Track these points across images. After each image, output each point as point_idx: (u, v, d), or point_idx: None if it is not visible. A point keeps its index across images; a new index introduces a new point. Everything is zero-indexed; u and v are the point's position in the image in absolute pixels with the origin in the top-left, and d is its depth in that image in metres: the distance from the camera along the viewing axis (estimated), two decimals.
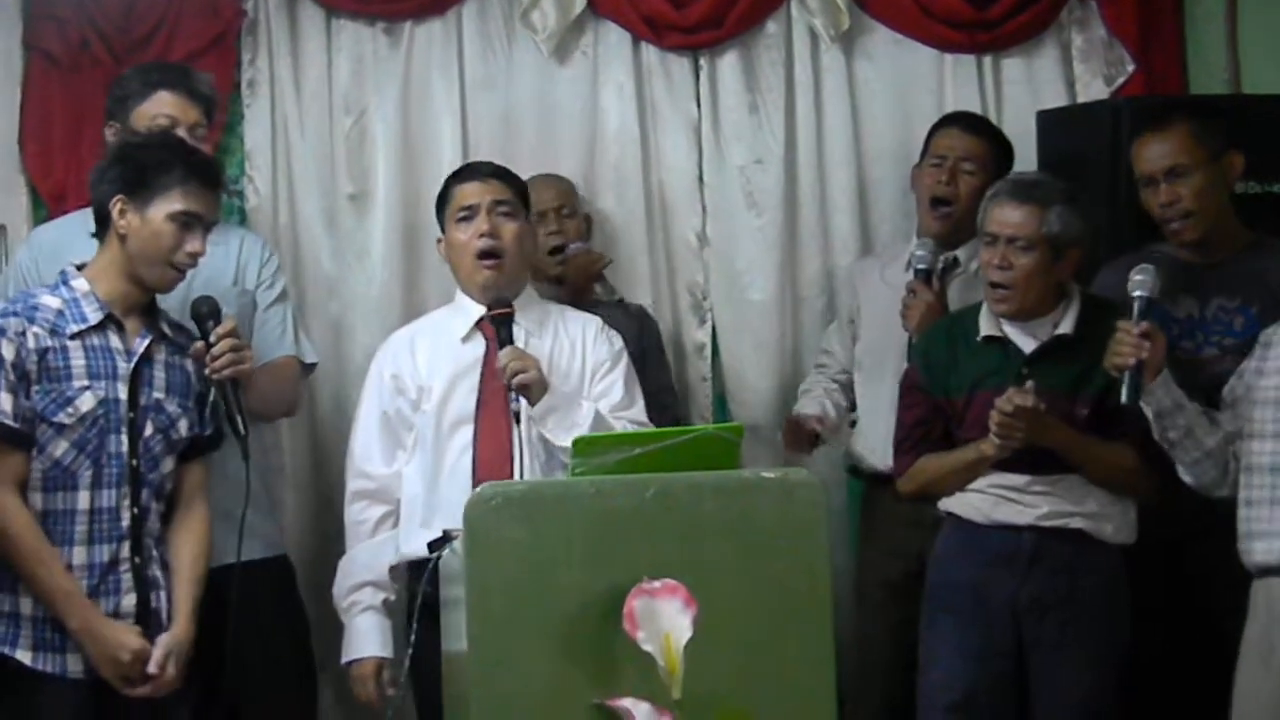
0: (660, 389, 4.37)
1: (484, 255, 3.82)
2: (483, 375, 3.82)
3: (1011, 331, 3.85)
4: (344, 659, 3.86)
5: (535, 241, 4.07)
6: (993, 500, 3.80)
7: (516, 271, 3.89)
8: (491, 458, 3.73)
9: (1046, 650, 3.76)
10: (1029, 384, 3.69)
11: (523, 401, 3.67)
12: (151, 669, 3.41)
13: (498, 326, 3.76)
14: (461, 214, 3.86)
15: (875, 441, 4.30)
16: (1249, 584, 3.60)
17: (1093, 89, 4.93)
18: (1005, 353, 3.83)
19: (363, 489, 3.87)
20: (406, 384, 3.85)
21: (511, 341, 3.74)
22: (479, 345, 3.85)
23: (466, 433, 3.78)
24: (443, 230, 3.95)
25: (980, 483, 3.81)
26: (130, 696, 3.41)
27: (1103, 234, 4.40)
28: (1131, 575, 3.84)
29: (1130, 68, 4.94)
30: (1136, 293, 3.67)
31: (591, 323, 3.97)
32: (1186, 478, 3.71)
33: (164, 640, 3.44)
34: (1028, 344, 3.83)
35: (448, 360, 3.84)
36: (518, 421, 3.66)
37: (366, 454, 3.87)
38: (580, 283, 4.35)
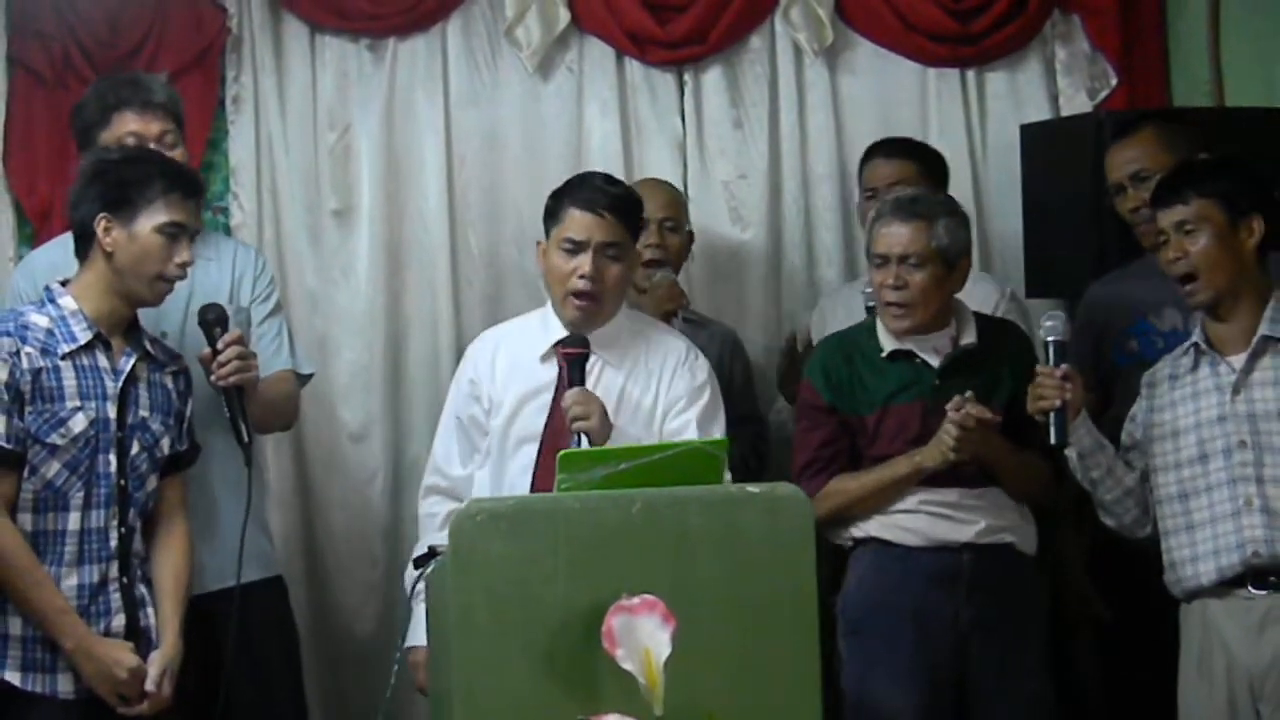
0: (740, 419, 4.24)
1: (579, 294, 3.68)
2: (554, 398, 3.70)
3: (914, 346, 3.80)
4: (404, 645, 3.77)
5: (637, 267, 3.92)
6: (927, 519, 3.75)
7: (610, 309, 3.75)
8: (548, 483, 3.66)
9: (991, 670, 3.72)
10: (968, 394, 3.67)
11: (584, 441, 3.54)
12: (149, 687, 3.39)
13: (570, 364, 3.65)
14: (567, 245, 3.68)
15: None
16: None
17: (1076, 102, 4.95)
18: (913, 366, 3.79)
19: (436, 485, 3.82)
20: (482, 391, 3.77)
21: (582, 383, 3.61)
22: (554, 368, 3.73)
23: (530, 452, 3.70)
24: (546, 235, 3.77)
25: (909, 501, 3.75)
26: (125, 716, 3.38)
27: (1087, 247, 4.43)
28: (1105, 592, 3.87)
29: (1113, 81, 4.96)
30: (1049, 338, 3.66)
31: (674, 353, 3.77)
32: (1109, 520, 3.73)
33: (157, 658, 3.43)
34: (932, 357, 3.80)
35: (522, 377, 3.74)
36: None
37: (446, 455, 3.81)
38: (650, 315, 4.15)
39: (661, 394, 3.71)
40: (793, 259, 4.84)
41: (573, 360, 3.64)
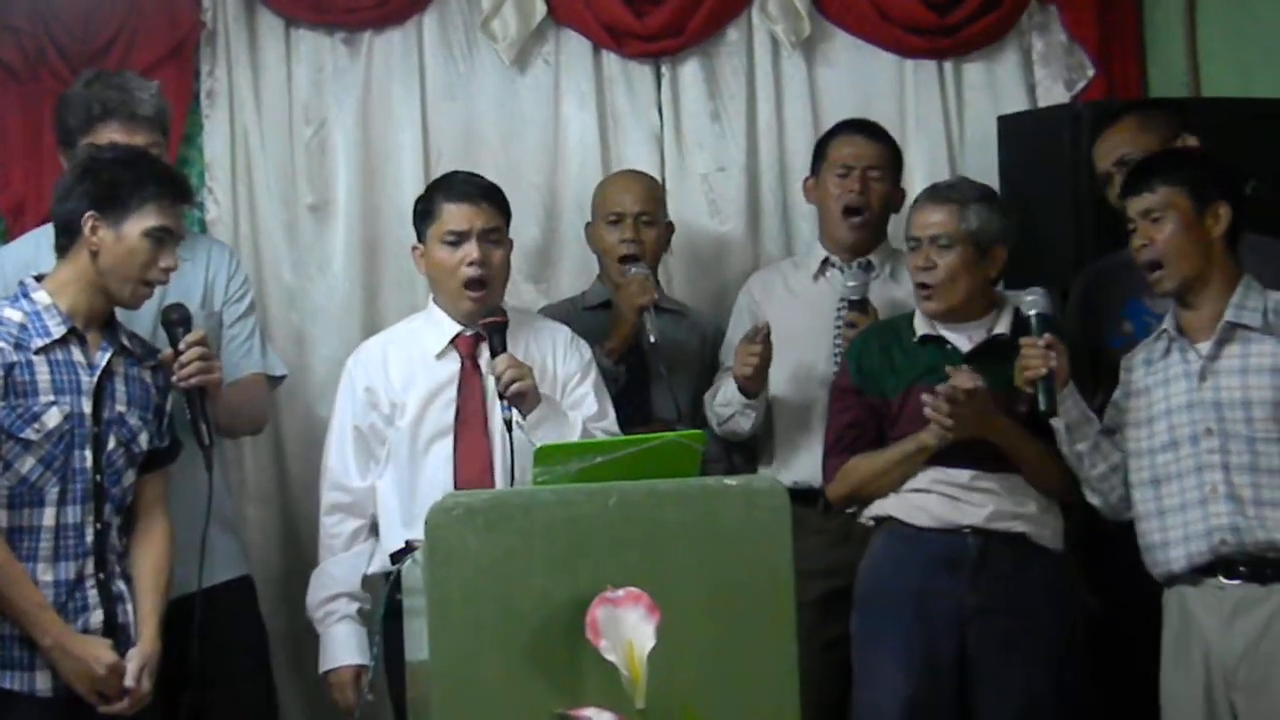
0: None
1: (472, 282, 3.80)
2: (459, 392, 3.81)
3: (947, 333, 3.87)
4: (322, 668, 3.86)
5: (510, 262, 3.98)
6: (936, 499, 3.79)
7: (499, 292, 3.88)
8: (472, 476, 3.74)
9: (992, 658, 3.75)
10: (964, 366, 3.71)
11: (514, 411, 3.66)
12: (129, 683, 3.37)
13: (490, 334, 3.75)
14: (449, 237, 3.81)
15: (798, 457, 4.21)
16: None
17: (1053, 93, 4.95)
18: (942, 351, 3.84)
19: (338, 502, 3.87)
20: (380, 398, 3.85)
21: (505, 349, 3.72)
22: (453, 362, 3.84)
23: (444, 446, 3.78)
24: (420, 238, 3.91)
25: (922, 480, 3.80)
26: (103, 714, 3.36)
27: (1065, 238, 4.43)
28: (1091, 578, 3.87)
29: (1091, 72, 4.96)
30: (1031, 311, 3.71)
31: (561, 333, 3.97)
32: (1095, 499, 3.75)
33: (135, 654, 3.41)
34: (964, 344, 3.85)
35: (422, 376, 3.83)
36: (509, 430, 3.65)
37: (342, 467, 3.87)
38: (623, 310, 4.21)
39: (559, 368, 3.87)
40: (771, 250, 4.83)
41: (493, 329, 3.74)
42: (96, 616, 3.40)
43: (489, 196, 3.86)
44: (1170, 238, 3.59)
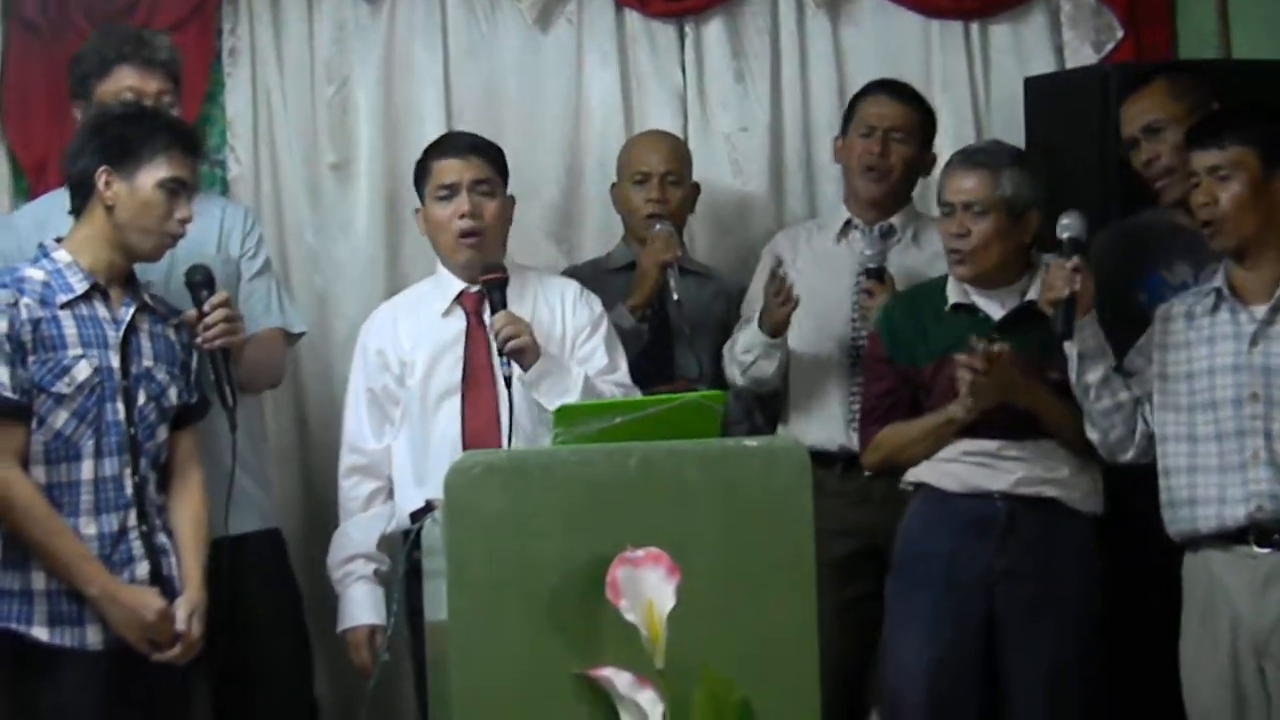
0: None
1: (465, 234, 3.82)
2: (466, 348, 3.83)
3: (980, 300, 3.84)
4: (339, 628, 3.90)
5: (512, 214, 3.99)
6: (966, 467, 3.78)
7: (496, 245, 3.90)
8: (480, 429, 3.76)
9: (1018, 620, 3.75)
10: (992, 335, 3.69)
11: (514, 367, 3.68)
12: (180, 626, 3.39)
13: (490, 290, 3.77)
14: (441, 192, 3.85)
15: (815, 420, 4.21)
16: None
17: (1081, 55, 4.91)
18: (974, 319, 3.81)
19: (355, 464, 3.92)
20: (390, 359, 3.88)
21: (505, 305, 3.74)
22: (459, 319, 3.87)
23: (453, 405, 3.81)
24: (421, 201, 3.94)
25: (951, 450, 3.79)
26: (152, 665, 3.37)
27: (1091, 200, 4.39)
28: (1106, 545, 3.84)
29: (1119, 34, 4.92)
30: (1065, 234, 3.68)
31: (570, 287, 3.98)
32: (1093, 434, 3.71)
33: (184, 601, 3.43)
34: (996, 311, 3.82)
35: (429, 335, 3.86)
36: (509, 386, 3.66)
37: (358, 430, 3.91)
38: (646, 268, 4.20)
39: (567, 323, 3.88)
40: (794, 210, 4.81)
41: (492, 285, 3.76)
42: (143, 568, 3.41)
43: (478, 150, 3.90)
44: (1235, 198, 3.53)
